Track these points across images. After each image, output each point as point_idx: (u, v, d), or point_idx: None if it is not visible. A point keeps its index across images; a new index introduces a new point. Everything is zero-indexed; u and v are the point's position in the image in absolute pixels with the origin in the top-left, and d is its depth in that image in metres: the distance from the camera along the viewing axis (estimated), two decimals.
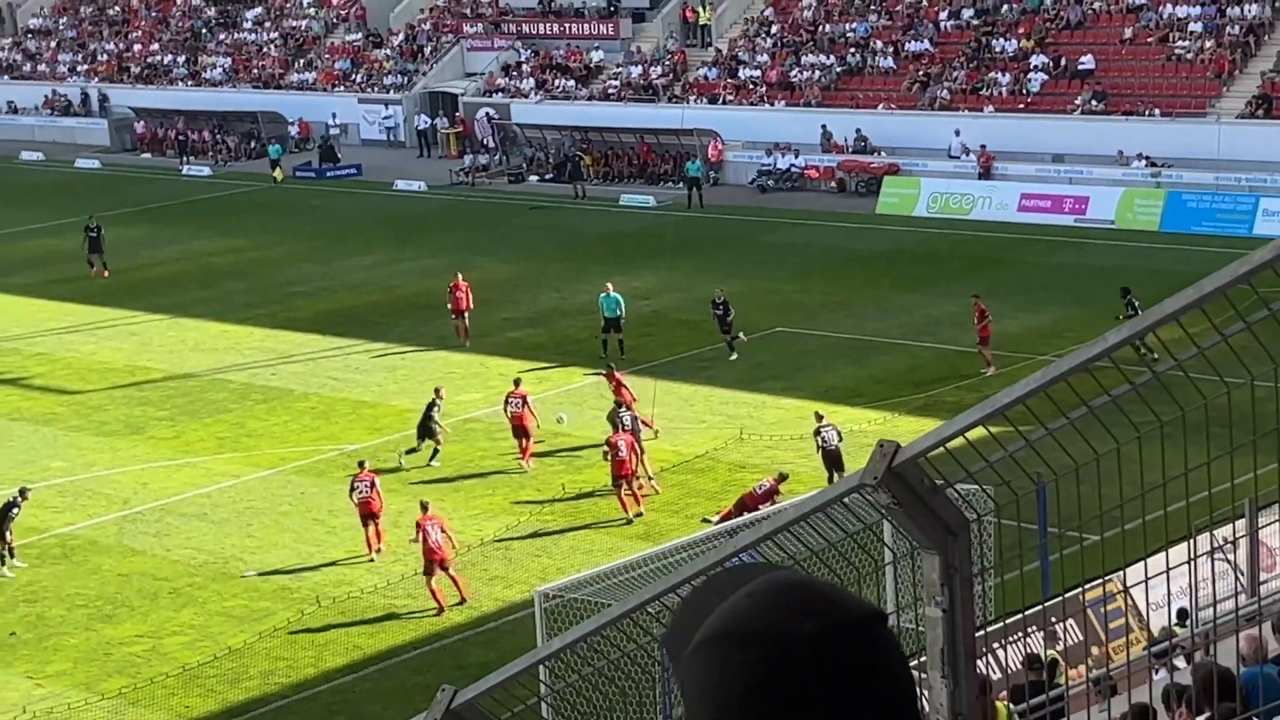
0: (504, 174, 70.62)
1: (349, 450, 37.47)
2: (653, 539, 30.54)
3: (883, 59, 68.00)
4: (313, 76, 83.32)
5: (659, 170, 67.69)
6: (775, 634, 2.37)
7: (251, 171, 75.25)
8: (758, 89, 69.66)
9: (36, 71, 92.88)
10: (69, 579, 31.45)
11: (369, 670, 27.21)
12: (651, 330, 44.87)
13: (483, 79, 77.77)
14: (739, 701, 2.36)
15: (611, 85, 73.90)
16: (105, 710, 26.12)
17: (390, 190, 69.23)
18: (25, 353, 47.31)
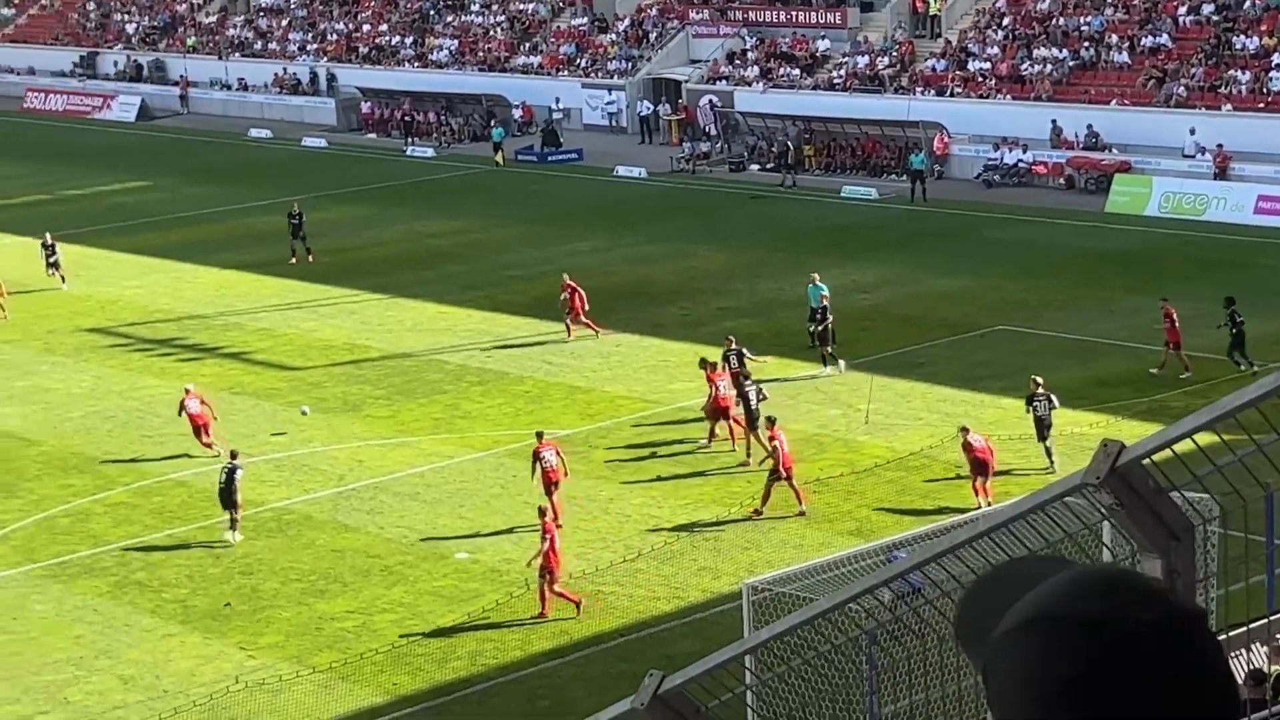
0: (725, 162, 70.66)
1: (561, 435, 37.79)
2: (865, 535, 30.41)
3: (1117, 54, 66.86)
4: (538, 60, 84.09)
5: (882, 162, 67.26)
6: (1111, 621, 2.34)
7: (474, 154, 76.14)
8: (986, 82, 68.90)
9: (267, 50, 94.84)
10: (284, 553, 32.14)
11: (574, 656, 27.44)
12: (870, 324, 44.63)
13: (707, 66, 77.88)
14: (1067, 687, 2.33)
15: (837, 75, 73.58)
16: (315, 683, 26.65)
17: (610, 176, 69.63)
18: (248, 328, 48.39)
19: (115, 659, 27.97)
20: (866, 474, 34.58)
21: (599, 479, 35.26)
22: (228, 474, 32.70)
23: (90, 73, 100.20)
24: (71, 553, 32.55)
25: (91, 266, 57.26)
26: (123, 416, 40.43)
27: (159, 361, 45.43)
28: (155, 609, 29.85)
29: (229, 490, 32.51)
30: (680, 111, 76.50)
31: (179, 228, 63.06)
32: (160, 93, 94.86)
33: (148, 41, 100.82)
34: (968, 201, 61.09)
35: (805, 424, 37.93)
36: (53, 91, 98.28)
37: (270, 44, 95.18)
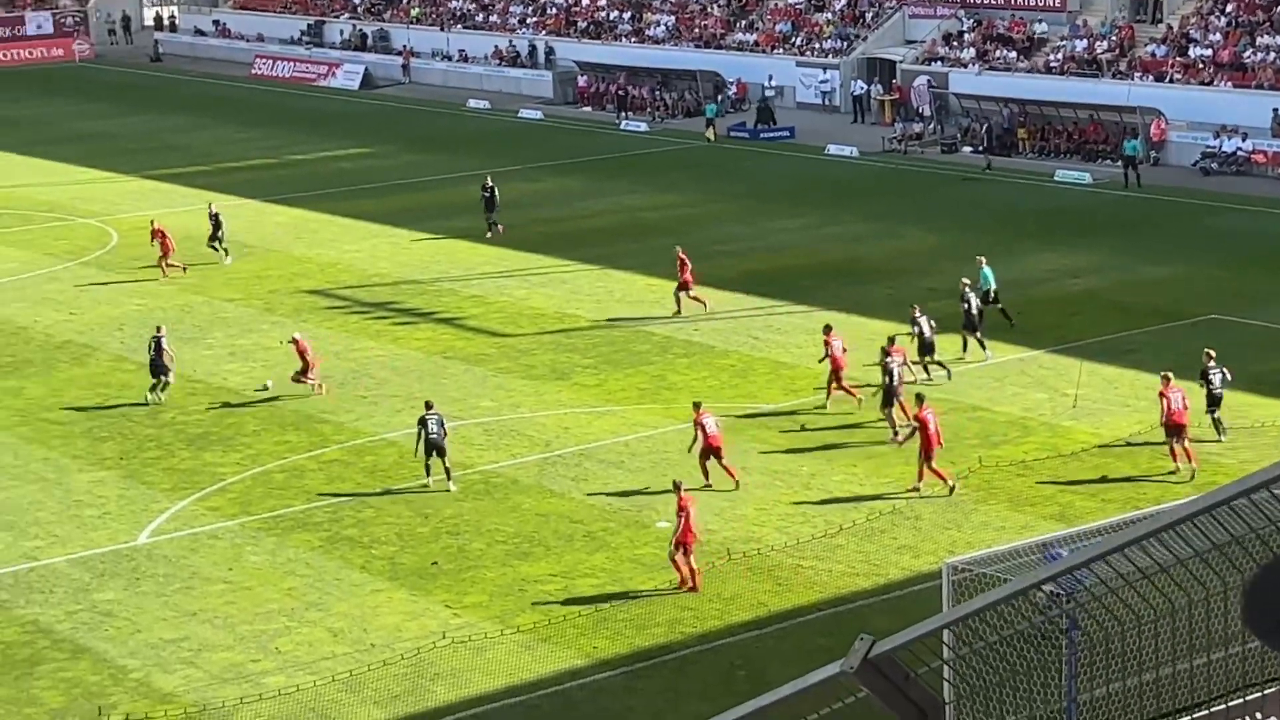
0: (937, 143, 70.05)
1: (764, 410, 37.80)
2: (1068, 520, 30.05)
3: None
4: (753, 38, 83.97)
5: (1096, 147, 66.23)
6: None
7: (686, 129, 76.29)
8: (1207, 69, 67.50)
9: (488, 22, 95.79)
10: (490, 515, 32.55)
11: (773, 629, 27.48)
12: (1081, 309, 44.04)
13: (922, 47, 77.23)
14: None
15: (1054, 58, 72.56)
16: (517, 643, 26.99)
17: (822, 155, 69.36)
18: (461, 294, 49.01)
19: (325, 611, 28.55)
20: (1071, 459, 34.16)
21: (802, 454, 35.22)
22: (423, 429, 33.46)
23: (317, 41, 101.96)
24: (286, 507, 33.27)
25: (312, 230, 58.36)
26: (339, 376, 41.19)
27: (374, 324, 46.20)
28: (365, 565, 30.41)
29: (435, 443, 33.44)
30: (894, 92, 75.96)
31: (397, 194, 64.02)
32: (383, 62, 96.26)
33: (373, 12, 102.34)
34: (1184, 189, 59.96)
35: (1011, 407, 37.60)
36: (280, 59, 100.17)
37: (491, 17, 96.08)
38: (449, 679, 26.01)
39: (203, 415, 38.94)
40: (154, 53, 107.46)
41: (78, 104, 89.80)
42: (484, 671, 26.14)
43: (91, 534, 32.17)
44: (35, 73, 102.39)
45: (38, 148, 75.79)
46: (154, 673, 26.58)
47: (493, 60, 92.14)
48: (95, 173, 69.92)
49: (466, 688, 25.77)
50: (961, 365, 40.08)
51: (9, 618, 28.68)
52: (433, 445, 33.56)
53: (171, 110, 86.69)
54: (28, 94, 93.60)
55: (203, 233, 53.37)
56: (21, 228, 59.49)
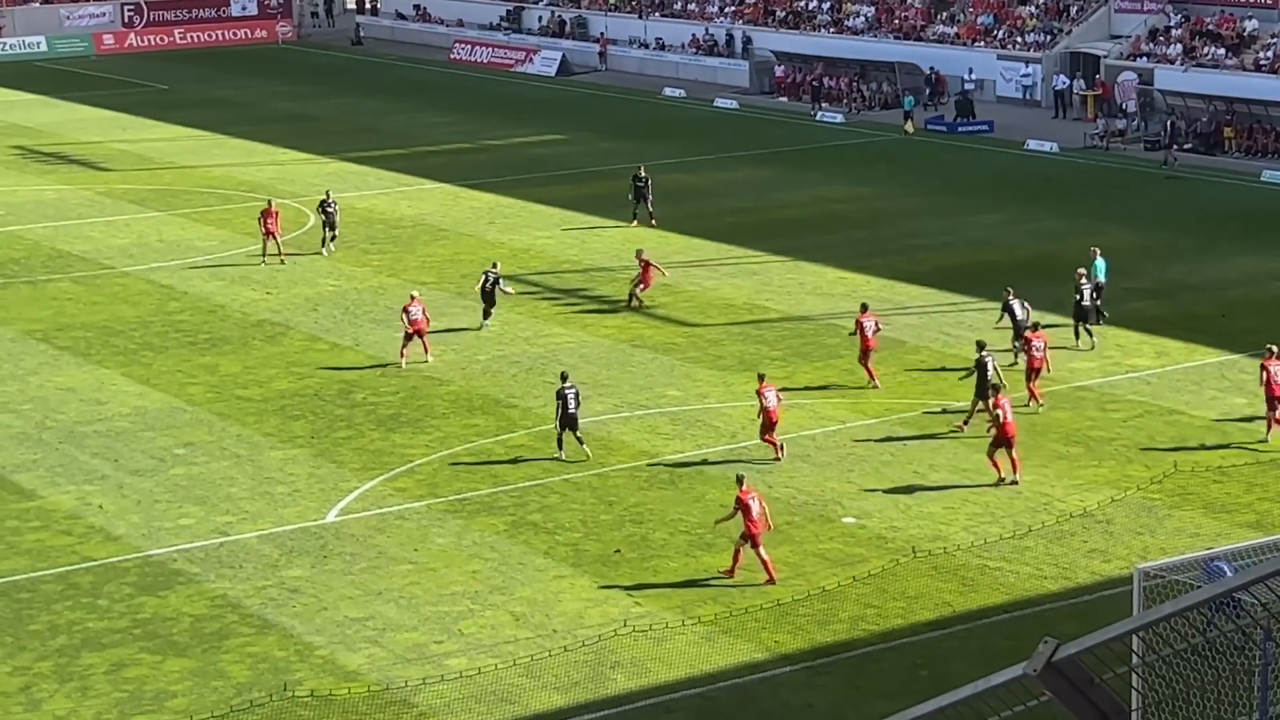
0: (1140, 141, 68.93)
1: (953, 408, 37.48)
2: (1264, 529, 29.46)
3: None
4: (954, 30, 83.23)
5: None
6: None
7: (883, 121, 75.84)
8: None
9: (686, 10, 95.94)
10: (674, 504, 32.64)
11: (957, 629, 27.26)
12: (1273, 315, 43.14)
13: (1128, 42, 76.03)
14: None
15: (1264, 56, 71.05)
16: (698, 635, 27.04)
17: (1021, 150, 68.59)
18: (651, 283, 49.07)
19: (508, 595, 28.82)
20: (1271, 466, 33.48)
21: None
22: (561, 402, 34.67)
23: (515, 27, 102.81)
24: (473, 490, 33.63)
25: (506, 215, 58.88)
26: (527, 362, 41.54)
27: (564, 311, 46.50)
28: (548, 550, 30.65)
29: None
30: (1097, 87, 74.87)
31: (591, 181, 64.36)
32: (580, 49, 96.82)
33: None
34: None
35: (1209, 411, 36.94)
36: (479, 44, 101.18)
37: (689, 5, 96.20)
38: (629, 667, 26.13)
39: (393, 396, 39.47)
40: (355, 36, 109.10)
41: (279, 85, 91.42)
42: (664, 661, 26.23)
43: (281, 511, 32.77)
44: (238, 53, 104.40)
45: (239, 128, 77.29)
46: (339, 650, 27.01)
47: (689, 49, 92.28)
48: (294, 154, 71.13)
49: (646, 677, 25.87)
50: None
51: (199, 591, 29.31)
52: (570, 420, 34.20)
53: (370, 93, 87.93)
54: (230, 75, 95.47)
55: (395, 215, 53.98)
56: (222, 207, 60.71)
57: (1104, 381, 38.95)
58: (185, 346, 43.94)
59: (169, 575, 29.98)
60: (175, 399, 39.67)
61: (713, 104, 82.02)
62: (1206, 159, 65.12)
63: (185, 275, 51.13)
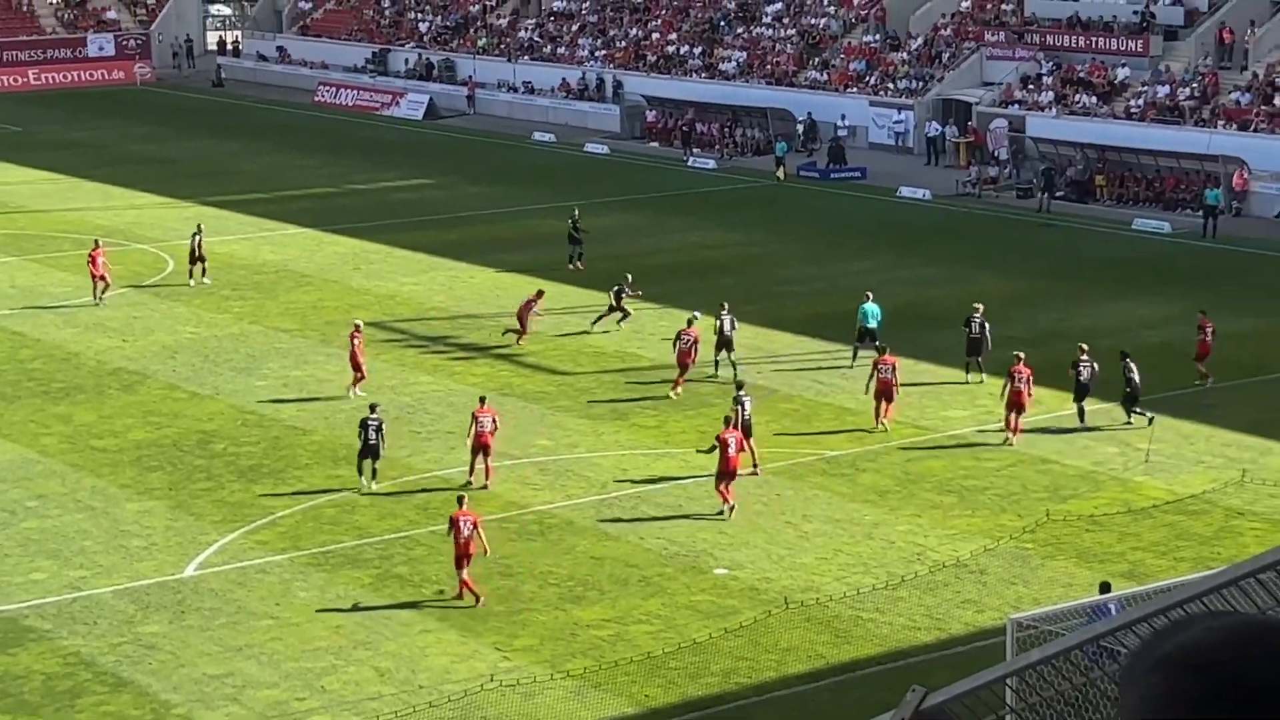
0: (1013, 188, 69.88)
1: (829, 456, 37.71)
2: (1138, 578, 29.86)
3: None
4: (826, 76, 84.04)
5: (1177, 196, 65.93)
6: (1232, 671, 2.34)
7: (755, 167, 76.34)
8: None
9: (556, 54, 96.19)
10: (543, 556, 32.57)
11: (830, 681, 27.38)
12: (1156, 362, 43.72)
13: (1000, 89, 77.12)
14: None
15: (1134, 104, 72.32)
16: (567, 689, 26.96)
17: (894, 196, 69.29)
18: None
19: (373, 650, 28.61)
20: (1143, 515, 33.95)
21: (864, 503, 35.14)
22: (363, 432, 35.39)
23: (381, 69, 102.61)
24: (336, 543, 33.38)
25: (371, 260, 58.65)
26: (393, 411, 41.31)
27: (431, 359, 46.36)
28: (415, 604, 30.45)
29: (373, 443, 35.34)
30: (969, 134, 75.85)
31: (458, 226, 64.28)
32: (448, 92, 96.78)
33: (439, 40, 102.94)
34: (1268, 240, 59.61)
35: (1081, 460, 37.42)
36: (344, 86, 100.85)
37: (559, 49, 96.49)
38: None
39: (254, 447, 39.13)
40: (216, 78, 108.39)
41: (137, 127, 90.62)
42: (532, 717, 26.14)
43: (137, 565, 32.35)
44: (95, 95, 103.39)
45: (96, 170, 76.51)
46: (197, 709, 26.66)
47: (559, 93, 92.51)
48: (153, 197, 70.49)
49: None
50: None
51: (51, 648, 28.85)
52: (370, 450, 34.92)
53: (232, 136, 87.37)
54: (87, 117, 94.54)
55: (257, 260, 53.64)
56: (76, 251, 59.99)
57: (977, 430, 39.36)
58: (38, 395, 43.34)
59: (19, 632, 29.48)
60: (27, 450, 39.09)
61: (583, 149, 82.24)
62: (1078, 206, 66.12)
63: (38, 322, 50.47)
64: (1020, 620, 24.24)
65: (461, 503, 31.05)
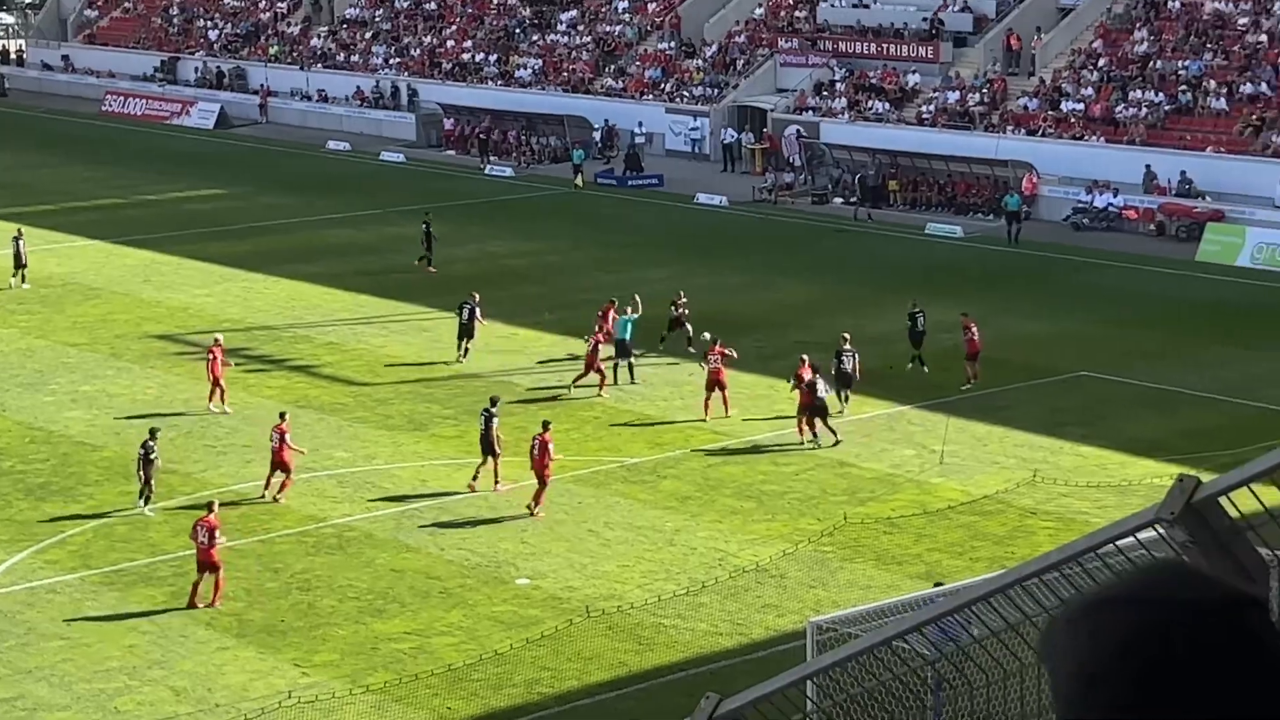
0: (808, 194, 70.62)
1: (629, 464, 37.81)
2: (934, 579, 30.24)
3: (1215, 100, 66.48)
4: (622, 84, 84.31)
5: (969, 201, 67.10)
6: (1149, 603, 2.39)
7: (553, 175, 76.39)
8: (1079, 123, 68.64)
9: (349, 62, 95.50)
10: (343, 570, 32.27)
11: (633, 689, 27.42)
12: (951, 365, 44.40)
13: (794, 96, 77.91)
14: (1103, 667, 2.38)
15: (926, 110, 73.46)
16: (368, 704, 26.74)
17: (691, 203, 69.68)
18: (317, 341, 48.67)
19: (168, 670, 28.14)
20: (939, 516, 34.44)
21: (665, 510, 35.28)
22: (143, 450, 34.96)
23: (170, 78, 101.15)
24: (129, 560, 32.79)
25: (162, 273, 57.76)
26: (186, 425, 40.73)
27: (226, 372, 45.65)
28: (210, 621, 30.02)
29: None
30: (764, 141, 76.53)
31: (252, 237, 63.53)
32: (240, 100, 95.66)
33: (229, 49, 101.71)
34: (1055, 244, 60.82)
35: (878, 463, 37.88)
36: (132, 95, 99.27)
37: (353, 56, 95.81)
38: None
39: (43, 464, 38.33)
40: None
41: None
42: None
43: None
44: None
45: None
46: None
47: (354, 101, 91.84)
48: None
49: None
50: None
51: None
52: (150, 470, 34.91)
53: (16, 148, 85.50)
54: None
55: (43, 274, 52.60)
56: None
57: (775, 435, 39.68)
58: None
59: None
60: None
61: (379, 157, 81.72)
62: (872, 212, 66.93)
63: None
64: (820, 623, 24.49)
65: (210, 509, 31.03)
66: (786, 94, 78.57)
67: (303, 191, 72.71)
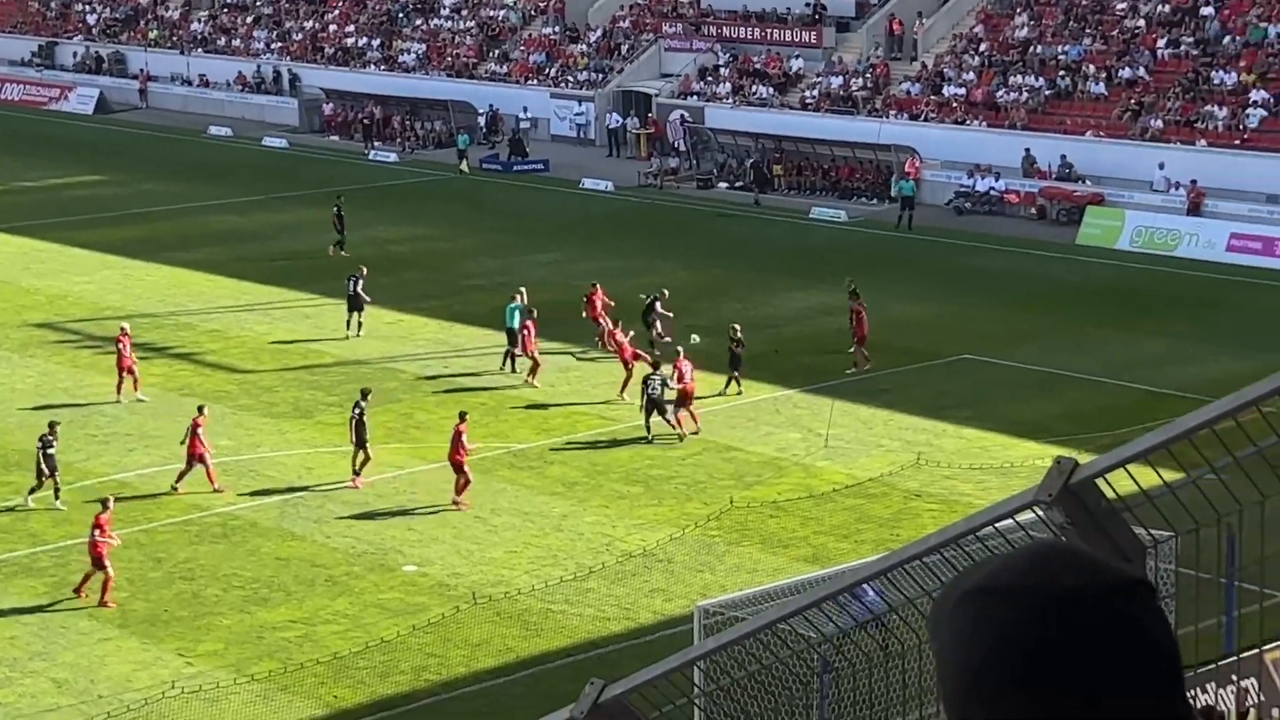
0: (693, 179, 70.74)
1: (516, 449, 37.75)
2: (821, 561, 30.46)
3: (1094, 84, 67.20)
4: (506, 68, 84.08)
5: (852, 185, 67.46)
6: (1031, 589, 2.40)
7: (438, 160, 76.09)
8: (961, 108, 69.18)
9: (230, 46, 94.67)
10: (227, 559, 32.03)
11: (521, 674, 27.40)
12: (835, 348, 44.66)
13: (678, 81, 78.01)
14: (987, 654, 2.40)
15: (809, 95, 73.77)
16: (254, 693, 26.56)
17: (576, 188, 69.61)
18: (200, 328, 48.25)
19: (49, 661, 27.83)
20: (825, 499, 34.63)
21: (553, 495, 35.26)
22: (41, 444, 34.33)
23: (48, 63, 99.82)
24: (9, 551, 32.38)
25: (42, 260, 57.04)
26: (68, 414, 40.22)
27: (107, 359, 45.10)
28: (93, 612, 29.70)
29: None
30: (649, 126, 76.57)
31: (133, 224, 62.84)
32: (119, 85, 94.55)
33: (108, 33, 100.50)
34: (938, 228, 61.26)
35: (764, 447, 38.02)
36: (8, 80, 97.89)
37: (234, 41, 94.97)
38: None
39: None
40: None
41: None
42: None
43: None
44: None
45: None
46: None
47: (235, 86, 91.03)
48: None
49: None
50: (716, 404, 40.47)
51: None
52: (52, 464, 34.29)
53: None
54: None
55: None
56: None
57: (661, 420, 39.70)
58: None
59: None
60: None
61: (261, 142, 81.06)
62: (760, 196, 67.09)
63: None
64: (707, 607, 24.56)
65: (105, 505, 30.86)
66: (671, 79, 78.65)
67: (184, 178, 71.98)
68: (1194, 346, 44.60)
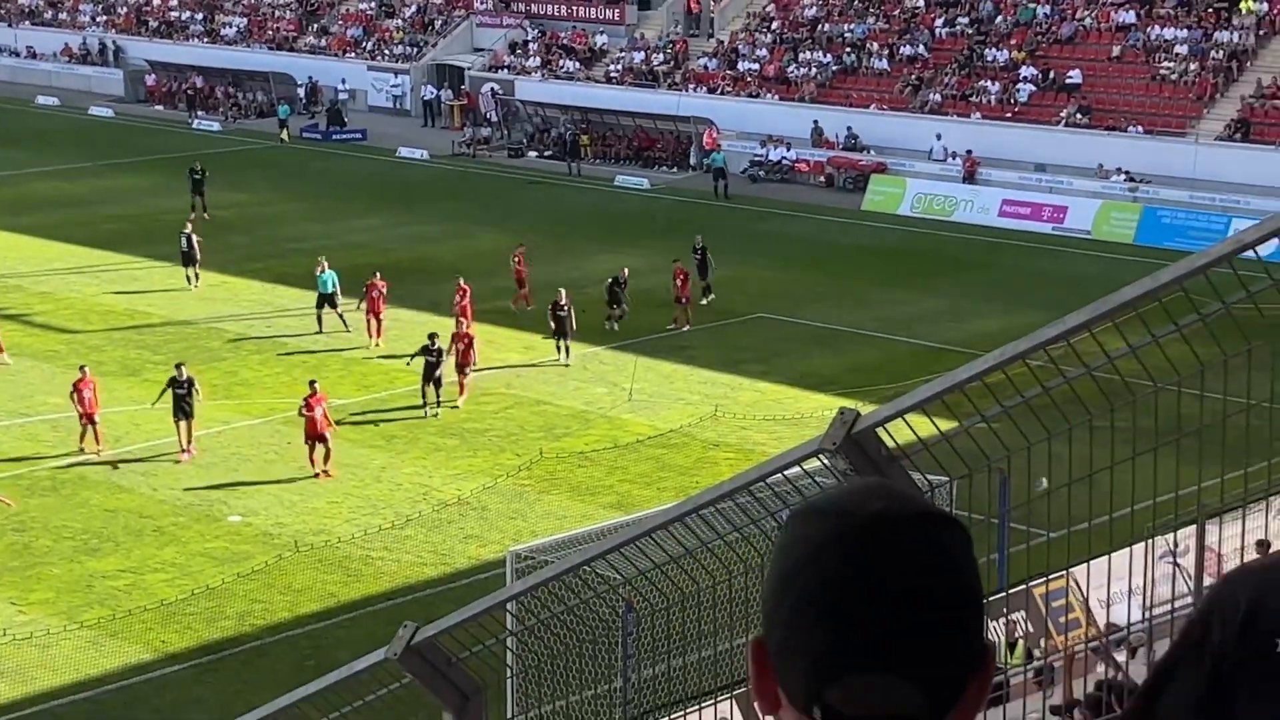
0: (504, 148, 70.49)
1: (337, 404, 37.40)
2: (625, 508, 30.56)
3: (878, 60, 67.96)
4: (325, 41, 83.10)
5: (655, 155, 67.64)
6: (845, 510, 2.44)
7: (259, 129, 75.05)
8: (754, 82, 69.59)
9: (57, 19, 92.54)
10: (57, 511, 31.41)
11: (342, 618, 27.20)
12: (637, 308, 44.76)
13: (489, 55, 77.62)
14: (800, 565, 2.42)
15: (613, 69, 73.77)
16: (84, 640, 26.10)
17: (393, 157, 69.06)
18: (30, 290, 47.20)
19: None
20: (629, 449, 34.74)
21: (372, 448, 35.01)
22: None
23: None
24: None
25: None
26: None
27: None
28: None
29: None
30: (462, 98, 76.15)
31: None
32: None
33: None
34: (735, 195, 61.61)
35: (573, 401, 38.06)
36: None
37: (60, 14, 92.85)
38: (12, 676, 25.01)
39: None
40: None
41: None
42: (48, 668, 25.20)
43: None
44: None
45: None
46: None
47: (62, 57, 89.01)
48: None
49: (30, 685, 24.80)
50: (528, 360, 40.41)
51: None
52: None
53: None
54: None
55: None
56: None
57: (476, 376, 39.54)
58: None
59: None
60: None
61: (87, 112, 79.38)
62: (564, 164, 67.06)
63: None
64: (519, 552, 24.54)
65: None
66: (483, 53, 78.25)
67: (12, 146, 70.25)
68: (968, 304, 45.37)
